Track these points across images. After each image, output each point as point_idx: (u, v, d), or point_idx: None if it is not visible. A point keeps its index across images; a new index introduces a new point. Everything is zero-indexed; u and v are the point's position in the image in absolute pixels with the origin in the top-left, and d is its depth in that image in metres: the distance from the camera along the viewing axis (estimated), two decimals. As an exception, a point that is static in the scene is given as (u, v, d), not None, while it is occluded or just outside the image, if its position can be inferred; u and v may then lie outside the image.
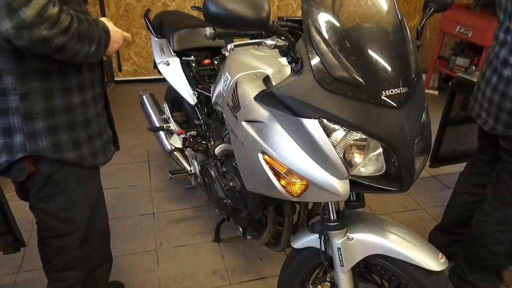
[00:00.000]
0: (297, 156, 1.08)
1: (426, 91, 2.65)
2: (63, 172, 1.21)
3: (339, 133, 1.00)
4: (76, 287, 1.39)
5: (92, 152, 1.25)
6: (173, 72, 2.23)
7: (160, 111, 2.49)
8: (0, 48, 1.03)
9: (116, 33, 1.22)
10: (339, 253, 1.21)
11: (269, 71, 1.32)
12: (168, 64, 2.25)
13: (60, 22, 0.98)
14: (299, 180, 1.10)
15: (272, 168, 1.15)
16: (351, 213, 1.25)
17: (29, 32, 0.94)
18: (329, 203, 1.21)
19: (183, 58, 2.22)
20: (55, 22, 0.97)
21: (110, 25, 1.21)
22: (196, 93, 2.12)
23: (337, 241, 1.21)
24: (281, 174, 1.13)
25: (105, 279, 1.54)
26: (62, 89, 1.14)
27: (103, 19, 1.22)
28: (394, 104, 1.00)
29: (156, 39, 2.36)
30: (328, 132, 1.00)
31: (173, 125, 2.35)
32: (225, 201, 1.74)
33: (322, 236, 1.25)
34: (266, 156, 1.16)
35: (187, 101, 2.16)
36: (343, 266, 1.22)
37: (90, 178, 1.33)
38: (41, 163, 1.17)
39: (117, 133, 1.45)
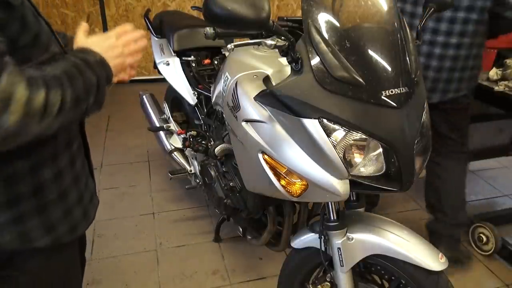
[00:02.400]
0: (297, 156, 1.07)
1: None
2: (26, 253, 0.94)
3: (339, 133, 1.00)
4: None
5: (70, 227, 0.98)
6: (173, 72, 2.23)
7: (160, 111, 2.49)
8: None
9: (113, 51, 0.93)
10: (339, 253, 1.21)
11: (269, 71, 1.32)
12: (168, 64, 2.25)
13: (52, 106, 0.74)
14: (299, 180, 1.10)
15: (272, 168, 1.15)
16: (351, 213, 1.25)
17: (20, 136, 0.72)
18: (329, 203, 1.21)
19: (183, 58, 2.22)
20: (45, 110, 0.73)
21: (102, 44, 0.92)
22: (196, 93, 2.12)
23: (337, 241, 1.20)
24: (281, 174, 1.13)
25: None
26: (29, 169, 0.87)
27: (83, 33, 0.95)
28: (394, 104, 1.00)
29: (156, 39, 2.36)
30: (328, 132, 1.00)
31: (173, 125, 2.35)
32: (225, 201, 1.74)
33: (322, 236, 1.25)
34: (266, 156, 1.16)
35: (187, 101, 2.16)
36: (343, 266, 1.22)
37: (62, 253, 1.04)
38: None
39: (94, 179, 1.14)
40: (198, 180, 2.14)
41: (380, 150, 1.02)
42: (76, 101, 0.80)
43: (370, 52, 1.02)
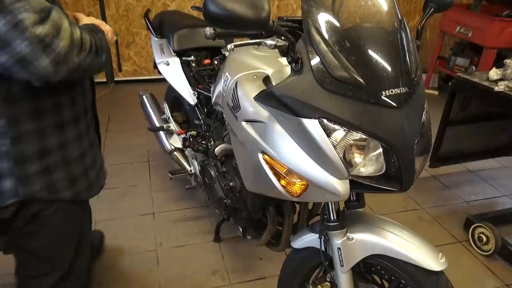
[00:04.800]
0: (297, 156, 1.07)
1: (426, 91, 2.66)
2: (52, 209, 1.12)
3: (339, 133, 1.00)
4: None
5: (88, 185, 1.17)
6: (173, 72, 2.23)
7: (160, 111, 2.49)
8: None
9: (102, 27, 1.16)
10: (339, 253, 1.21)
11: (269, 71, 1.32)
12: (168, 64, 2.25)
13: (86, 43, 0.96)
14: (299, 180, 1.10)
15: (272, 168, 1.15)
16: (351, 213, 1.25)
17: (65, 64, 0.91)
18: (329, 203, 1.21)
19: (183, 58, 2.22)
20: (82, 45, 0.95)
21: (96, 21, 1.17)
22: (196, 93, 2.12)
23: (337, 241, 1.21)
24: (281, 174, 1.13)
25: None
26: (56, 127, 1.06)
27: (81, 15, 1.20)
28: (394, 104, 1.00)
29: (156, 39, 2.36)
30: (328, 132, 1.00)
31: (173, 125, 2.35)
32: (225, 201, 1.74)
33: (322, 236, 1.25)
34: (266, 156, 1.16)
35: (187, 101, 2.16)
36: (343, 266, 1.22)
37: (78, 212, 1.23)
38: (31, 203, 1.08)
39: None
40: (198, 180, 2.14)
41: (380, 150, 1.02)
42: (98, 49, 1.02)
43: (370, 52, 1.02)
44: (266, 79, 1.28)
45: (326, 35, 1.01)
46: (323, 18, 1.02)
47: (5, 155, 1.00)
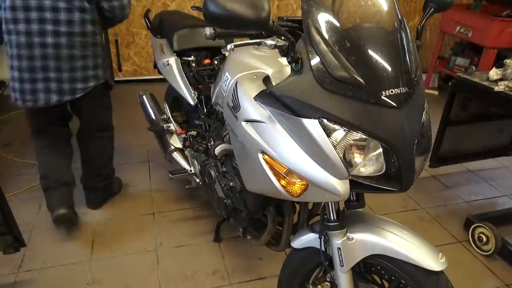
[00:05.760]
0: (297, 156, 1.07)
1: (426, 91, 2.66)
2: (98, 90, 2.05)
3: (339, 133, 1.00)
4: (111, 140, 2.35)
5: (110, 75, 2.18)
6: (173, 72, 2.23)
7: (160, 111, 2.48)
8: (91, 21, 1.89)
9: None
10: (339, 253, 1.21)
11: (269, 71, 1.32)
12: (168, 64, 2.25)
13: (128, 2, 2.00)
14: (299, 180, 1.10)
15: (272, 168, 1.15)
16: (351, 213, 1.25)
17: (125, 11, 2.00)
18: (329, 203, 1.21)
19: (183, 58, 2.22)
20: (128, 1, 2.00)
21: None
22: (196, 93, 2.12)
23: (337, 241, 1.21)
24: (281, 174, 1.13)
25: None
26: (95, 37, 1.96)
27: None
28: (394, 104, 1.00)
29: (156, 39, 2.36)
30: (328, 132, 1.00)
31: (173, 125, 2.35)
32: (225, 201, 1.74)
33: (322, 236, 1.25)
34: (266, 156, 1.16)
35: (187, 101, 2.16)
36: (343, 266, 1.22)
37: (107, 93, 2.21)
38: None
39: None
40: (198, 180, 2.14)
41: (380, 150, 1.02)
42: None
43: (370, 52, 1.02)
44: (266, 79, 1.28)
45: (326, 35, 1.01)
46: (323, 18, 1.02)
47: (99, 56, 2.00)
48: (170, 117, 2.39)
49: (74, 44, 1.86)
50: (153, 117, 2.46)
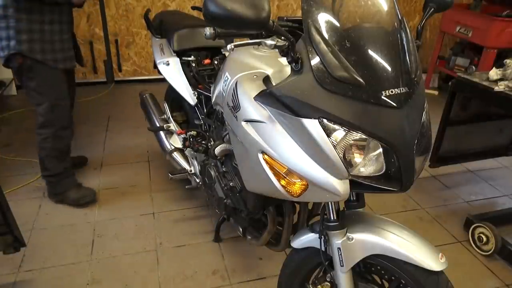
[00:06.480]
0: (297, 156, 1.07)
1: (426, 91, 2.66)
2: (40, 66, 2.04)
3: (339, 133, 1.00)
4: (49, 139, 2.19)
5: (53, 59, 2.05)
6: (173, 72, 2.23)
7: (160, 111, 2.49)
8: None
9: None
10: (339, 253, 1.21)
11: (269, 71, 1.32)
12: (168, 64, 2.25)
13: None
14: (299, 180, 1.10)
15: (272, 168, 1.15)
16: (351, 213, 1.25)
17: None
18: (329, 203, 1.21)
19: (183, 58, 2.22)
20: None
21: None
22: (196, 93, 2.12)
23: (337, 241, 1.21)
24: (281, 174, 1.13)
25: (69, 139, 2.30)
26: (39, 22, 1.98)
27: None
28: (394, 104, 1.00)
29: (156, 39, 2.36)
30: (328, 132, 1.00)
31: (173, 125, 2.35)
32: (225, 201, 1.74)
33: (322, 236, 1.25)
34: (266, 156, 1.16)
35: (187, 101, 2.16)
36: (343, 266, 1.22)
37: (57, 74, 2.11)
38: (25, 59, 2.00)
39: (80, 50, 2.36)
40: (198, 180, 2.14)
41: (380, 150, 1.02)
42: None
43: (370, 52, 1.02)
44: (266, 79, 1.28)
45: (326, 35, 1.01)
46: (323, 18, 1.02)
47: (12, 28, 1.94)
48: (170, 117, 2.39)
49: None
50: (153, 117, 2.46)
